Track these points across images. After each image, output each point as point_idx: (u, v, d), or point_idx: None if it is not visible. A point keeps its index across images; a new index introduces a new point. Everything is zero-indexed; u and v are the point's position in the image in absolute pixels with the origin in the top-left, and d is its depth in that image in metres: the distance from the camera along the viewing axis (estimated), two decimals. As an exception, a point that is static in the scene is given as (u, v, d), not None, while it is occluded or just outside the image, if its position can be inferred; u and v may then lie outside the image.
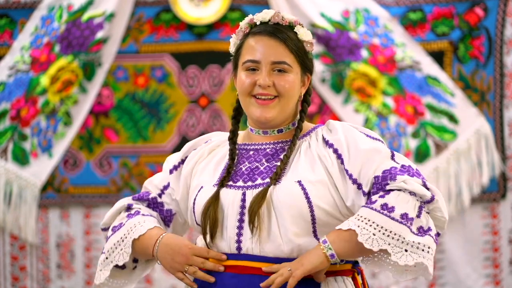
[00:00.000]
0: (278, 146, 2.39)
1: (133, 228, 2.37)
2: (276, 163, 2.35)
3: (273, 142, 2.40)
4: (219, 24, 4.51)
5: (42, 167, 4.55)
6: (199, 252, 2.30)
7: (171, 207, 2.46)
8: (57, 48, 4.51)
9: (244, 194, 2.31)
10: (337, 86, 4.49)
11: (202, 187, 2.37)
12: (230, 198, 2.31)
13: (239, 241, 2.29)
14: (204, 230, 2.30)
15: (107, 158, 4.58)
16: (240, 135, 2.47)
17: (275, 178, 2.29)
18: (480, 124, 4.45)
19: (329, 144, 2.35)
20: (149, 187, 2.50)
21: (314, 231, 2.28)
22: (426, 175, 4.43)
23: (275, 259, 2.26)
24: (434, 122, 4.45)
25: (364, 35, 4.47)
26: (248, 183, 2.33)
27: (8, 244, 4.58)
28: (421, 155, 4.46)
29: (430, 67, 4.46)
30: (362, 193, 2.28)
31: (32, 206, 4.54)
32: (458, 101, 4.45)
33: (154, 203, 2.47)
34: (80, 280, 4.57)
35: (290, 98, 2.36)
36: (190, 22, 4.52)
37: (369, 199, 2.25)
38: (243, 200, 2.30)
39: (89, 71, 4.54)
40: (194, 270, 2.29)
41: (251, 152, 2.40)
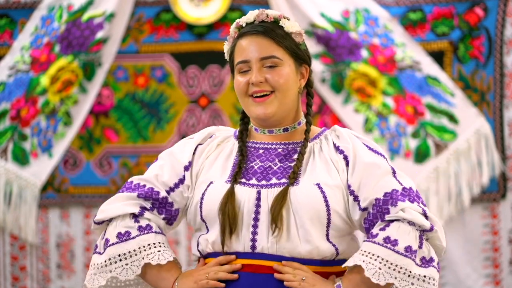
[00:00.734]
0: (289, 147, 2.40)
1: (146, 248, 2.32)
2: (290, 164, 2.35)
3: (283, 142, 2.40)
4: (219, 24, 4.51)
5: (42, 167, 4.55)
6: (214, 263, 2.32)
7: (179, 206, 2.41)
8: (57, 48, 4.51)
9: (259, 192, 2.31)
10: (337, 86, 4.49)
11: (211, 182, 2.35)
12: (245, 195, 2.31)
13: (254, 239, 2.28)
14: (222, 227, 2.29)
15: (107, 158, 4.58)
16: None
17: (293, 177, 2.30)
18: (480, 124, 4.45)
19: (339, 150, 2.36)
20: (157, 184, 2.39)
21: (327, 235, 2.30)
22: (426, 175, 4.46)
23: (291, 259, 2.27)
24: (434, 122, 4.45)
25: (364, 35, 4.47)
26: (262, 182, 2.33)
27: (8, 244, 4.58)
28: (421, 155, 4.46)
29: (430, 67, 4.46)
30: (358, 207, 2.30)
31: (32, 206, 4.54)
32: (458, 101, 4.45)
33: (162, 203, 2.39)
34: (80, 280, 4.57)
35: (286, 91, 2.36)
36: (190, 22, 4.53)
37: (370, 233, 2.27)
38: (258, 198, 2.30)
39: (89, 71, 4.54)
40: (215, 272, 2.29)
41: (261, 151, 2.40)
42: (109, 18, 4.50)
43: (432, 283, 2.23)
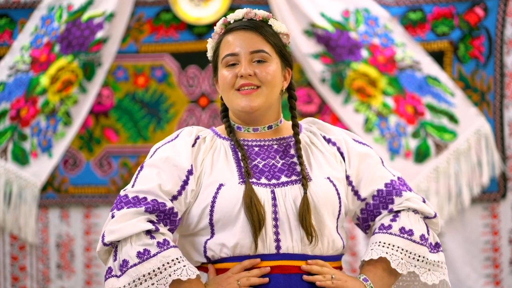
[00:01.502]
0: (282, 142, 2.41)
1: (171, 264, 2.22)
2: (291, 160, 2.36)
3: (275, 138, 2.41)
4: (219, 24, 4.51)
5: (42, 167, 4.55)
6: (239, 269, 2.27)
7: (181, 215, 2.32)
8: (57, 48, 4.51)
9: (273, 192, 2.31)
10: (337, 86, 4.49)
11: (222, 185, 2.30)
12: (261, 196, 2.28)
13: (278, 240, 2.28)
14: (254, 228, 2.24)
15: (107, 158, 4.58)
16: (223, 130, 2.44)
17: (306, 181, 2.30)
18: (480, 124, 4.45)
19: (332, 142, 2.39)
20: (161, 195, 2.29)
21: (337, 227, 2.34)
22: (426, 175, 4.46)
23: (313, 257, 2.29)
24: (434, 122, 4.45)
25: (364, 35, 4.47)
26: (273, 181, 2.32)
27: (8, 244, 4.58)
28: (421, 155, 4.46)
29: (430, 67, 4.46)
30: (357, 197, 2.36)
31: (32, 206, 4.54)
32: (458, 101, 4.45)
33: (167, 214, 2.29)
34: (80, 280, 4.56)
35: (273, 87, 2.36)
36: (190, 22, 4.52)
37: (381, 224, 2.34)
38: (274, 198, 2.30)
39: (89, 71, 4.54)
40: (246, 278, 2.25)
41: (256, 149, 2.39)
42: (109, 18, 4.50)
43: (443, 267, 2.38)
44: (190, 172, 2.31)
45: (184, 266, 2.23)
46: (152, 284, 2.21)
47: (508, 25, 4.44)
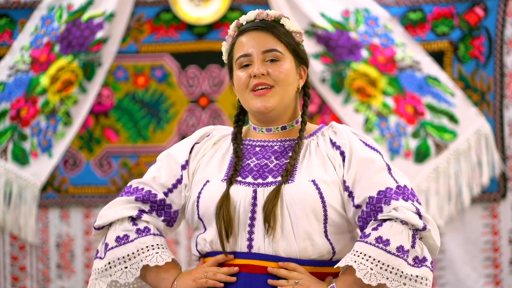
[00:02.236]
0: (286, 143, 2.40)
1: (145, 250, 2.33)
2: (286, 161, 2.35)
3: (280, 139, 2.40)
4: (219, 24, 4.51)
5: (42, 167, 4.55)
6: (212, 263, 2.31)
7: (178, 207, 2.41)
8: (57, 48, 4.51)
9: (255, 191, 2.31)
10: (337, 86, 4.49)
11: (208, 181, 2.35)
12: (241, 195, 2.30)
13: (251, 239, 2.28)
14: (220, 232, 2.28)
15: (107, 158, 4.58)
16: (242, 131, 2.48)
17: (286, 175, 2.29)
18: (480, 124, 4.45)
19: (336, 146, 2.36)
20: (154, 186, 2.41)
21: (325, 231, 2.29)
22: (426, 175, 4.46)
23: (287, 259, 2.27)
24: (434, 122, 4.45)
25: (364, 35, 4.47)
26: (259, 180, 2.32)
27: (8, 244, 4.58)
28: (421, 155, 4.46)
29: (430, 67, 4.46)
30: (352, 203, 2.30)
31: (32, 206, 4.54)
32: (458, 101, 4.45)
33: (160, 205, 2.40)
34: (80, 280, 4.56)
35: (287, 86, 2.36)
36: (190, 22, 4.52)
37: (362, 232, 2.26)
38: (254, 197, 2.30)
39: (89, 71, 4.54)
40: (214, 273, 2.29)
41: (257, 149, 2.40)
42: (109, 18, 4.50)
43: (425, 283, 2.22)
44: (183, 167, 2.40)
45: (157, 253, 2.32)
46: (125, 267, 2.33)
47: (508, 25, 4.44)
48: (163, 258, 2.33)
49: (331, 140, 2.37)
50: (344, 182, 2.31)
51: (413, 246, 2.23)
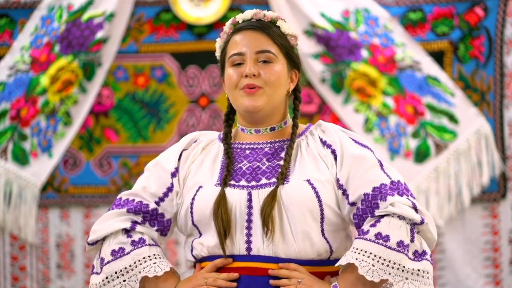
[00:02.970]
0: (276, 145, 2.39)
1: (142, 262, 2.32)
2: (278, 162, 2.35)
3: (270, 141, 2.40)
4: (219, 24, 4.51)
5: (42, 167, 4.55)
6: (211, 267, 2.31)
7: (171, 216, 2.41)
8: (57, 48, 4.51)
9: (250, 194, 2.30)
10: (337, 86, 4.49)
11: (201, 187, 2.34)
12: (236, 198, 2.30)
13: (249, 241, 2.28)
14: (219, 231, 2.27)
15: (107, 158, 4.58)
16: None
17: (282, 178, 2.29)
18: (480, 124, 4.45)
19: (327, 144, 2.36)
20: (145, 196, 2.40)
21: (322, 230, 2.30)
22: (426, 175, 4.46)
23: (287, 260, 2.27)
24: (434, 122, 4.45)
25: (364, 35, 4.47)
26: (252, 183, 2.32)
27: (8, 244, 4.58)
28: (421, 155, 4.46)
29: (430, 67, 4.46)
30: (347, 201, 2.30)
31: (32, 206, 4.54)
32: (458, 101, 4.45)
33: (152, 215, 2.39)
34: (80, 280, 4.56)
35: (277, 88, 2.36)
36: (190, 22, 4.52)
37: (361, 229, 2.27)
38: (250, 200, 2.29)
39: (89, 71, 4.54)
40: (214, 279, 2.28)
41: (247, 151, 2.39)
42: (109, 18, 4.50)
43: (426, 276, 2.24)
44: (173, 174, 2.39)
45: (155, 263, 2.31)
46: (124, 280, 2.31)
47: (508, 25, 4.44)
48: (161, 268, 2.31)
49: (321, 139, 2.38)
50: (337, 180, 2.31)
51: (412, 241, 2.24)
